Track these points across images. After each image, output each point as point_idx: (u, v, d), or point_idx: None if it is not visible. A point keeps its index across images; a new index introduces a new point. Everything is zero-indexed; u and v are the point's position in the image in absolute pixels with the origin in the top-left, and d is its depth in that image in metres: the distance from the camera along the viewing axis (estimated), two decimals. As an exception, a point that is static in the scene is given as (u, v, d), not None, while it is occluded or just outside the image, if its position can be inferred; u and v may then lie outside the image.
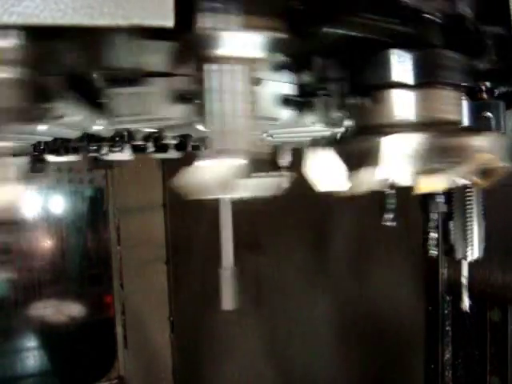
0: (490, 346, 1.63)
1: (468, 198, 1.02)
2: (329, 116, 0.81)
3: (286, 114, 0.68)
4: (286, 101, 0.66)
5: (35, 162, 1.39)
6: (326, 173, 0.83)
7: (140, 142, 1.11)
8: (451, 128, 0.63)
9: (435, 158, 0.59)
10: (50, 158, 1.25)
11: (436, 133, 0.59)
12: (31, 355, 3.21)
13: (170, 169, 3.31)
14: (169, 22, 0.44)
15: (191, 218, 3.23)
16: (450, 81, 0.62)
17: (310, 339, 2.42)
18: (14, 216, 0.56)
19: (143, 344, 3.52)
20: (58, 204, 3.28)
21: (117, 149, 1.15)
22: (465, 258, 1.03)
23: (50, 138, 1.13)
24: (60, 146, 1.18)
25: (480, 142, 0.62)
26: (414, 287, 1.89)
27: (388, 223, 0.98)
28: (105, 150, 1.20)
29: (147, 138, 1.07)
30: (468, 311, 1.25)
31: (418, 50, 0.59)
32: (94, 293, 3.36)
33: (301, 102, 0.72)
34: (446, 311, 1.77)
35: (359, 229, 2.10)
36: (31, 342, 3.21)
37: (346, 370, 2.24)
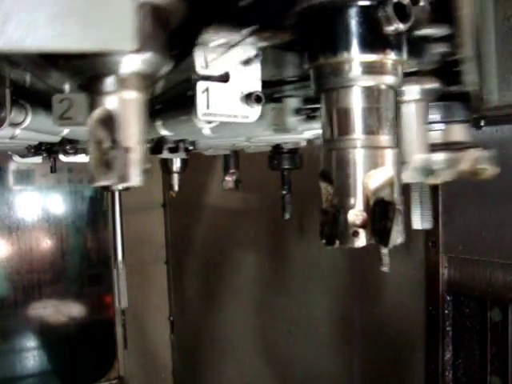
0: (490, 346, 1.63)
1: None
2: (276, 121, 0.92)
3: (255, 112, 0.69)
4: (255, 98, 0.67)
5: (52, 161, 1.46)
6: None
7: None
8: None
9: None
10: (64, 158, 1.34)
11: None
12: (31, 355, 3.21)
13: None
14: (132, 46, 0.48)
15: (191, 218, 3.23)
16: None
17: (309, 339, 2.42)
18: None
19: (143, 344, 3.52)
20: (58, 204, 3.28)
21: (71, 151, 1.23)
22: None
23: (35, 142, 1.19)
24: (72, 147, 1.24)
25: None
26: (414, 287, 1.88)
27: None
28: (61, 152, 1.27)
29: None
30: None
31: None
32: (93, 293, 3.36)
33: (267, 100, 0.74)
34: (446, 311, 1.77)
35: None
36: (31, 342, 3.21)
37: (346, 370, 2.24)
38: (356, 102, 0.59)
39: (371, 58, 0.57)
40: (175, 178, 1.72)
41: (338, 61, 0.57)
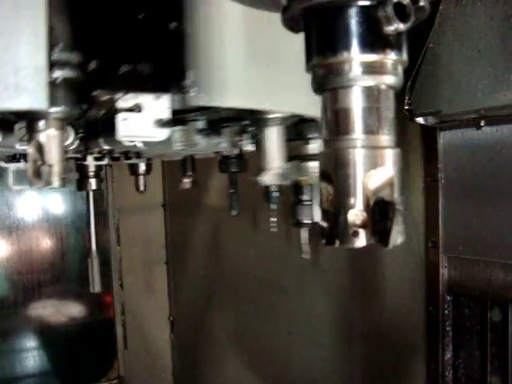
0: (490, 346, 1.63)
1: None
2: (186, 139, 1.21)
3: (164, 133, 0.93)
4: (164, 123, 0.91)
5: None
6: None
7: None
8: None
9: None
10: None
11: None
12: (31, 355, 3.21)
13: (170, 169, 3.31)
14: (46, 106, 0.79)
15: (191, 218, 3.23)
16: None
17: (309, 339, 2.42)
18: None
19: (143, 344, 3.52)
20: (58, 204, 3.28)
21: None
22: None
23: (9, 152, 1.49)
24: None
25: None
26: (414, 287, 1.88)
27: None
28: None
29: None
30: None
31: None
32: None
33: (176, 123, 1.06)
34: (446, 311, 1.77)
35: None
36: (31, 342, 3.21)
37: (346, 370, 2.24)
38: (356, 101, 0.59)
39: (371, 57, 0.57)
40: (141, 180, 2.04)
41: (338, 61, 0.57)
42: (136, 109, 0.89)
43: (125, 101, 0.90)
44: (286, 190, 1.51)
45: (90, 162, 1.70)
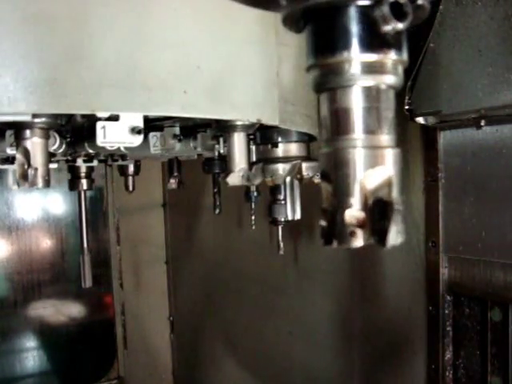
0: (490, 346, 1.63)
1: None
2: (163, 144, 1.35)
3: (138, 139, 1.01)
4: (138, 131, 0.99)
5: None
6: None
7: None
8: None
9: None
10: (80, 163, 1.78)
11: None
12: (31, 355, 3.21)
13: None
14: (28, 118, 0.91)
15: (191, 218, 3.23)
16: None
17: (310, 339, 2.42)
18: None
19: (143, 344, 3.52)
20: (58, 204, 3.28)
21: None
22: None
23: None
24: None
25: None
26: (414, 287, 1.88)
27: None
28: None
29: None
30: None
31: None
32: (93, 293, 3.36)
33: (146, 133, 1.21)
34: (446, 311, 1.77)
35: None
36: (31, 342, 3.21)
37: (346, 370, 2.24)
38: (356, 101, 0.59)
39: (370, 57, 0.57)
40: (130, 180, 2.13)
41: (338, 60, 0.57)
42: (115, 117, 0.99)
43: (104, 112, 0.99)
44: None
45: (81, 164, 1.80)
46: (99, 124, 0.99)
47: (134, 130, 0.99)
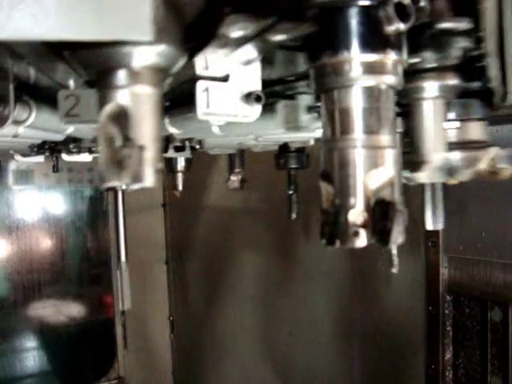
0: (490, 346, 1.63)
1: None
2: (289, 119, 0.93)
3: (255, 112, 0.70)
4: (255, 98, 0.68)
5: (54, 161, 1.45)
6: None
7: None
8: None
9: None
10: (66, 157, 1.33)
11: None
12: (31, 355, 3.21)
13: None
14: (148, 37, 0.45)
15: (191, 218, 3.23)
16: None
17: (310, 339, 2.42)
18: None
19: (143, 344, 3.52)
20: (58, 204, 3.28)
21: (74, 150, 1.21)
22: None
23: (38, 141, 1.17)
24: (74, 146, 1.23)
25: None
26: (414, 287, 1.88)
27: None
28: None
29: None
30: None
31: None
32: (93, 293, 3.36)
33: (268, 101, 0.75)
34: (446, 311, 1.77)
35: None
36: (31, 342, 3.21)
37: (346, 370, 2.24)
38: (356, 101, 0.59)
39: (372, 57, 0.57)
40: (179, 178, 1.72)
41: (339, 60, 0.57)
42: (223, 76, 0.66)
43: (210, 68, 0.65)
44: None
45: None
46: (200, 84, 0.66)
47: (251, 97, 0.68)
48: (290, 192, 1.71)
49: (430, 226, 1.03)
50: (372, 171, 0.58)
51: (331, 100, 0.60)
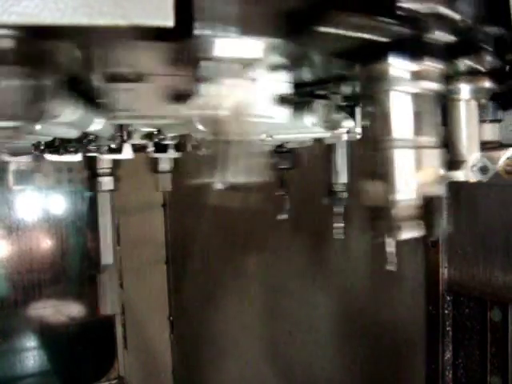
0: (490, 346, 1.63)
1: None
2: (327, 118, 0.95)
3: (283, 113, 0.71)
4: (283, 100, 0.69)
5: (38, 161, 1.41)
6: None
7: (138, 142, 1.16)
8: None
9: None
10: (50, 157, 1.29)
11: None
12: (31, 355, 3.21)
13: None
14: (169, 22, 0.44)
15: (191, 218, 3.23)
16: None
17: (310, 339, 2.42)
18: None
19: (143, 344, 3.52)
20: (58, 204, 3.28)
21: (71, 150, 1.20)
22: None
23: (49, 138, 1.15)
24: (60, 146, 1.20)
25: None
26: (414, 287, 1.88)
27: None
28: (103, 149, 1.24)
29: (146, 137, 1.11)
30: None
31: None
32: (94, 293, 3.36)
33: (298, 101, 0.81)
34: (446, 311, 1.77)
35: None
36: (31, 342, 3.21)
37: (346, 370, 2.24)
38: (404, 105, 0.65)
39: (417, 66, 0.63)
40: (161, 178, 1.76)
41: (388, 67, 0.63)
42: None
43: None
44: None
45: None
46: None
47: (282, 100, 0.68)
48: (282, 193, 1.74)
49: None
50: (419, 169, 0.64)
51: (381, 103, 0.65)
